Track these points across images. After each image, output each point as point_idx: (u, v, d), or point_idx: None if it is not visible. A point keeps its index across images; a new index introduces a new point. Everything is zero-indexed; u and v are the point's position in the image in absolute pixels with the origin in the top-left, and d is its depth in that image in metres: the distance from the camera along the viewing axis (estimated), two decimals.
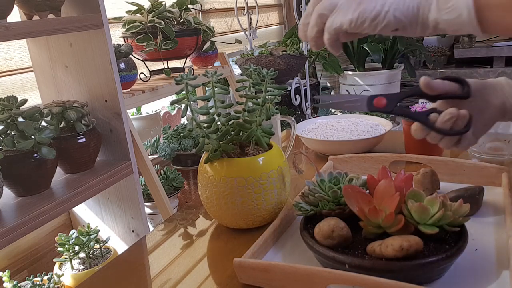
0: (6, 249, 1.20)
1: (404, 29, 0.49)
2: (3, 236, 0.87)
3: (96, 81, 1.21)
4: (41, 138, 0.97)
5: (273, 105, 0.71)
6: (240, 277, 0.57)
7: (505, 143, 0.89)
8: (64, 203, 1.02)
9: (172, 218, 0.82)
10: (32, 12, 1.08)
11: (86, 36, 1.17)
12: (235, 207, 0.67)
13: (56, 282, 1.06)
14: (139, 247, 0.75)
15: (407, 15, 0.48)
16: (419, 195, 0.56)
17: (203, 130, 0.68)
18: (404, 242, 0.50)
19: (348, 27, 0.50)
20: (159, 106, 1.95)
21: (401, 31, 0.49)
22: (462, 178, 0.78)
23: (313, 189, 0.64)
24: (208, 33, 1.77)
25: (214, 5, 2.38)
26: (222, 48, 2.01)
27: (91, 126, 1.16)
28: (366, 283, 0.48)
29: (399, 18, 0.48)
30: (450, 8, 0.46)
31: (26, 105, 1.01)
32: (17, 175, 0.98)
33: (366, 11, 0.48)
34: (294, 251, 0.63)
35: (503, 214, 0.66)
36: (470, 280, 0.53)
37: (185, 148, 1.67)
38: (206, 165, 0.69)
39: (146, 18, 1.49)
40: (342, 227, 0.56)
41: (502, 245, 0.59)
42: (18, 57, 1.33)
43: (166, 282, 0.61)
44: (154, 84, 1.51)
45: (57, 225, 1.37)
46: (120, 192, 1.30)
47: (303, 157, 1.04)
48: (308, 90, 2.38)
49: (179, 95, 1.58)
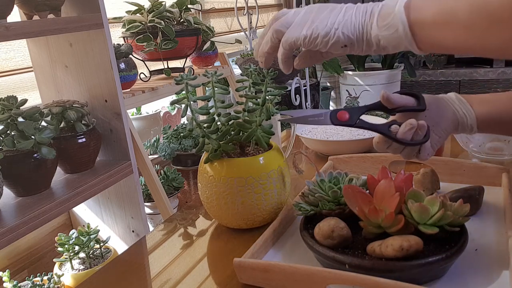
0: (6, 249, 1.20)
1: (352, 45, 0.53)
2: (3, 236, 0.87)
3: (96, 81, 1.21)
4: (41, 138, 0.97)
5: (273, 105, 0.71)
6: (240, 277, 0.57)
7: (505, 143, 0.89)
8: (64, 203, 1.02)
9: (172, 218, 0.82)
10: (32, 12, 1.08)
11: (86, 36, 1.17)
12: (235, 207, 0.67)
13: (56, 282, 1.06)
14: (139, 247, 0.75)
15: (353, 33, 0.52)
16: (419, 195, 0.56)
17: (203, 130, 0.68)
18: (404, 242, 0.50)
19: (302, 42, 0.54)
20: (159, 106, 1.95)
21: (350, 48, 0.53)
22: (462, 178, 0.78)
23: (313, 189, 0.64)
24: (208, 33, 1.77)
25: (214, 5, 2.38)
26: (222, 48, 2.01)
27: (91, 126, 1.16)
28: (366, 283, 0.48)
29: (347, 35, 0.52)
30: (388, 25, 0.50)
31: (26, 105, 1.01)
32: (17, 175, 0.98)
33: (319, 28, 0.52)
34: (294, 251, 0.63)
35: (503, 214, 0.66)
36: (470, 280, 0.53)
37: (185, 148, 1.67)
38: (206, 165, 0.69)
39: (146, 18, 1.49)
40: (342, 227, 0.56)
41: (502, 245, 0.59)
42: (18, 57, 1.33)
43: (166, 282, 0.61)
44: (154, 84, 1.51)
45: (57, 225, 1.37)
46: (120, 192, 1.30)
47: (303, 157, 1.04)
48: (308, 90, 2.38)
49: (179, 95, 1.58)
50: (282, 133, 1.21)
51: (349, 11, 0.53)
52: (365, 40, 0.52)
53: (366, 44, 0.53)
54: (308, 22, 0.53)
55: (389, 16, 0.50)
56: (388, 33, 0.50)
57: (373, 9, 0.51)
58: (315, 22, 0.53)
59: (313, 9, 0.54)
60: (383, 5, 0.51)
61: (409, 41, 0.50)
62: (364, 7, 0.52)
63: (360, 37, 0.52)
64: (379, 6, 0.51)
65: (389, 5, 0.50)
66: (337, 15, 0.53)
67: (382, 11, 0.51)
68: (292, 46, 0.55)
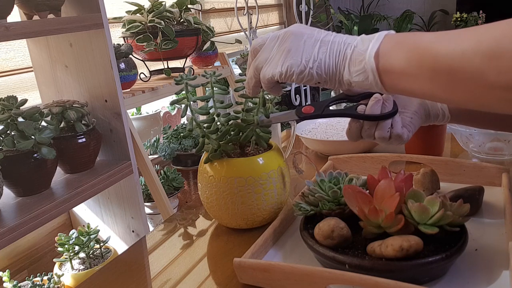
0: (6, 249, 1.20)
1: (325, 83, 0.55)
2: (3, 236, 0.87)
3: (96, 81, 1.21)
4: (41, 138, 0.97)
5: (273, 105, 0.71)
6: (240, 277, 0.57)
7: (505, 143, 0.89)
8: (64, 203, 1.02)
9: (172, 218, 0.82)
10: (32, 12, 1.08)
11: (86, 36, 1.17)
12: (235, 207, 0.67)
13: (56, 282, 1.06)
14: (139, 247, 0.75)
15: (326, 73, 0.54)
16: (419, 195, 0.56)
17: (203, 130, 0.68)
18: (404, 242, 0.50)
19: (279, 78, 0.55)
20: (159, 106, 1.95)
21: (323, 84, 0.55)
22: (462, 178, 0.78)
23: (313, 189, 0.64)
24: (208, 33, 1.77)
25: (214, 5, 2.38)
26: (222, 48, 2.01)
27: (91, 126, 1.16)
28: (366, 283, 0.48)
29: (320, 74, 0.54)
30: (358, 72, 0.51)
31: (26, 105, 1.01)
32: (17, 175, 0.98)
33: (294, 66, 0.54)
34: (294, 251, 0.63)
35: (503, 214, 0.66)
36: (470, 280, 0.53)
37: (185, 148, 1.67)
38: (206, 165, 0.69)
39: (146, 18, 1.49)
40: (342, 227, 0.56)
41: (502, 245, 0.59)
42: (18, 57, 1.33)
43: (166, 282, 0.61)
44: (154, 84, 1.51)
45: (57, 225, 1.37)
46: (120, 192, 1.30)
47: (303, 157, 1.04)
48: (308, 90, 2.38)
49: (179, 95, 1.58)
50: (282, 133, 1.21)
51: (323, 47, 0.53)
52: (337, 80, 0.54)
53: (338, 83, 0.54)
54: (282, 57, 0.55)
55: (360, 63, 0.50)
56: (359, 80, 0.51)
57: (346, 51, 0.52)
58: (289, 57, 0.54)
59: (288, 38, 0.55)
60: (355, 47, 0.51)
61: (379, 88, 0.51)
62: (337, 47, 0.53)
63: (332, 77, 0.54)
64: (351, 49, 0.52)
65: (360, 50, 0.51)
66: (311, 51, 0.53)
67: (354, 55, 0.51)
68: (270, 81, 0.57)
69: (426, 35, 0.47)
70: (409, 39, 0.48)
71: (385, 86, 0.51)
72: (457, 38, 0.44)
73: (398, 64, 0.48)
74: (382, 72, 0.49)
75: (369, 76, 0.50)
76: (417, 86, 0.48)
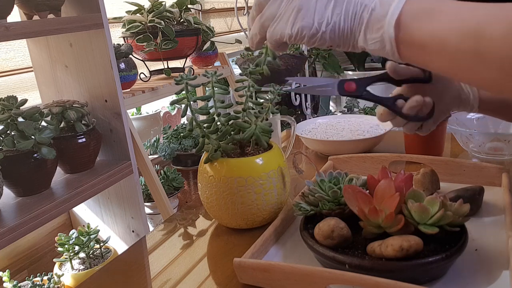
0: (6, 249, 1.20)
1: (338, 46, 0.52)
2: (3, 236, 0.87)
3: (96, 81, 1.21)
4: (41, 138, 0.97)
5: (273, 105, 0.71)
6: (240, 277, 0.57)
7: (505, 143, 0.89)
8: (64, 203, 1.02)
9: (172, 218, 0.82)
10: (32, 12, 1.08)
11: (86, 36, 1.17)
12: (235, 207, 0.67)
13: (56, 282, 1.06)
14: (139, 247, 0.75)
15: (340, 37, 0.50)
16: (419, 195, 0.56)
17: (203, 130, 0.68)
18: (404, 242, 0.50)
19: (288, 40, 0.52)
20: (159, 106, 1.95)
21: (335, 48, 0.52)
22: (462, 178, 0.78)
23: (313, 189, 0.64)
24: (208, 33, 1.77)
25: (214, 5, 2.38)
26: (222, 48, 2.01)
27: (91, 126, 1.16)
28: (366, 283, 0.48)
29: (333, 38, 0.50)
30: (375, 40, 0.48)
31: (26, 105, 1.01)
32: (17, 175, 0.98)
33: (305, 29, 0.50)
34: (294, 251, 0.63)
35: (503, 214, 0.66)
36: (470, 280, 0.53)
37: (185, 148, 1.67)
38: (206, 165, 0.69)
39: (146, 18, 1.49)
40: (342, 227, 0.56)
41: (502, 245, 0.59)
42: (18, 57, 1.33)
43: (166, 282, 0.61)
44: (154, 84, 1.51)
45: (57, 225, 1.37)
46: (120, 192, 1.30)
47: (303, 157, 1.04)
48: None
49: (179, 95, 1.58)
50: (282, 133, 1.21)
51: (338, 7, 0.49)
52: (351, 44, 0.51)
53: (352, 47, 0.52)
54: (292, 17, 0.51)
55: (378, 31, 0.47)
56: (375, 48, 0.49)
57: (363, 14, 0.48)
58: (300, 17, 0.50)
59: None
60: (373, 10, 0.47)
61: (396, 58, 0.49)
62: (353, 8, 0.48)
63: (346, 42, 0.51)
64: (368, 12, 0.48)
65: (379, 15, 0.47)
66: (324, 11, 0.49)
67: (372, 21, 0.48)
68: (278, 42, 0.54)
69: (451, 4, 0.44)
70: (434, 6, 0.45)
71: (402, 57, 0.48)
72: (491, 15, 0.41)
73: (420, 38, 0.45)
74: (402, 43, 0.47)
75: (386, 46, 0.47)
76: (436, 64, 0.46)
